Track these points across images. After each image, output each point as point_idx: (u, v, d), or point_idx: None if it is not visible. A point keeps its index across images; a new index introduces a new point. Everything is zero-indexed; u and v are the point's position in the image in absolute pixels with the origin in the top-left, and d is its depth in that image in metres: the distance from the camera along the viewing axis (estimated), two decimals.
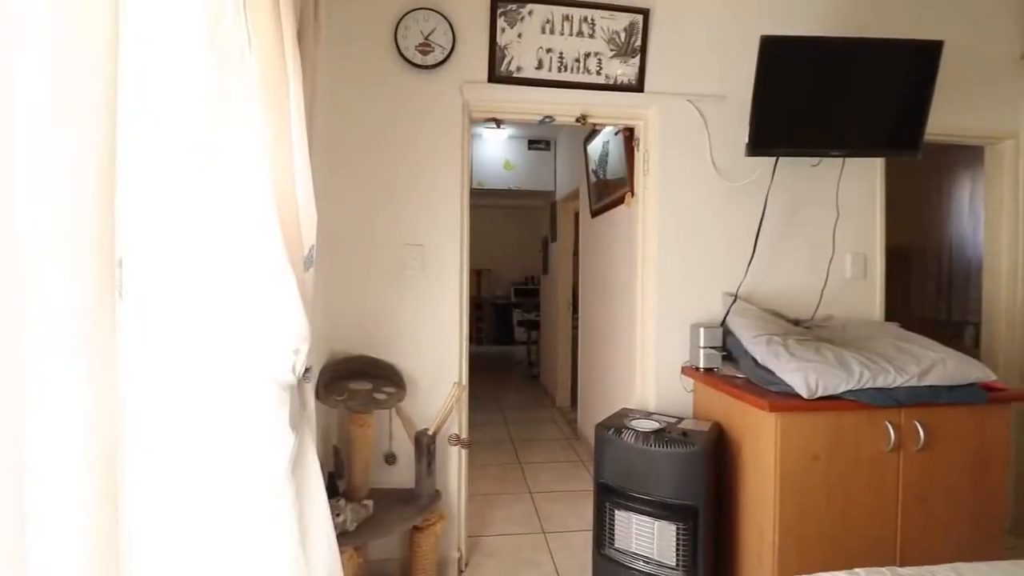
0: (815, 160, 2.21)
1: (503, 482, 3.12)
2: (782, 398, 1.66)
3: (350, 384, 1.96)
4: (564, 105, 2.24)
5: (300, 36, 1.36)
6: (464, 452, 2.23)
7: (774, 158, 2.12)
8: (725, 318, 2.14)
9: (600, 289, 3.35)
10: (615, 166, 2.96)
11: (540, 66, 2.20)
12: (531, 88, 2.20)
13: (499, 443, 3.84)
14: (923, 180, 3.72)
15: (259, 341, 1.09)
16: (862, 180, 2.33)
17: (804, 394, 1.62)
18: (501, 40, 2.16)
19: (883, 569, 1.16)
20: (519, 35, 2.17)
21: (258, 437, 1.09)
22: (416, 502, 1.95)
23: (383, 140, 2.13)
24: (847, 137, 2.03)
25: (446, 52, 2.12)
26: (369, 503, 1.85)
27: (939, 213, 3.64)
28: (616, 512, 1.87)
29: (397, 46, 2.09)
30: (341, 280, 2.09)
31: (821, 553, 1.63)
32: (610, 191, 3.11)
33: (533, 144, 5.10)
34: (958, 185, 3.48)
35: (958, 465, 1.72)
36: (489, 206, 7.40)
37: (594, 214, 3.51)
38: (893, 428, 1.65)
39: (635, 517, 1.83)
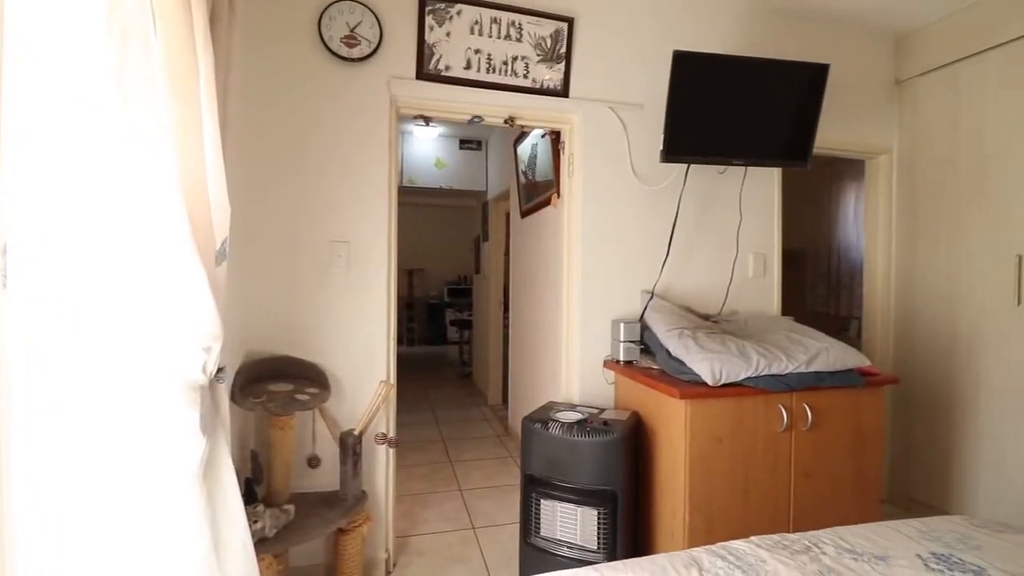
0: (721, 168, 2.40)
1: (433, 481, 3.11)
2: (691, 386, 1.80)
3: (270, 386, 1.88)
4: (493, 106, 2.28)
5: (213, 21, 1.29)
6: (392, 451, 2.21)
7: (686, 165, 2.29)
8: (643, 314, 2.27)
9: (529, 288, 3.43)
10: (543, 168, 3.05)
11: (469, 66, 2.23)
12: (460, 88, 2.22)
13: (430, 442, 3.82)
14: (817, 189, 4.14)
15: (166, 339, 1.03)
16: (762, 187, 2.56)
17: (710, 382, 1.76)
18: (429, 38, 2.16)
19: (774, 536, 1.29)
20: (448, 34, 2.18)
21: (164, 440, 1.04)
22: (341, 504, 1.91)
23: (308, 133, 2.06)
24: (748, 148, 2.22)
25: (373, 46, 2.10)
26: (290, 508, 1.79)
27: (829, 219, 4.06)
28: (542, 502, 1.93)
29: (321, 37, 2.04)
30: (262, 277, 2.00)
31: (726, 526, 1.78)
32: (539, 192, 3.19)
33: (465, 143, 5.12)
34: (845, 195, 3.91)
35: (840, 442, 1.95)
36: (421, 204, 7.34)
37: (524, 214, 3.59)
38: (785, 411, 1.84)
39: (559, 505, 1.90)
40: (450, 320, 7.87)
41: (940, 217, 2.60)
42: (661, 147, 2.13)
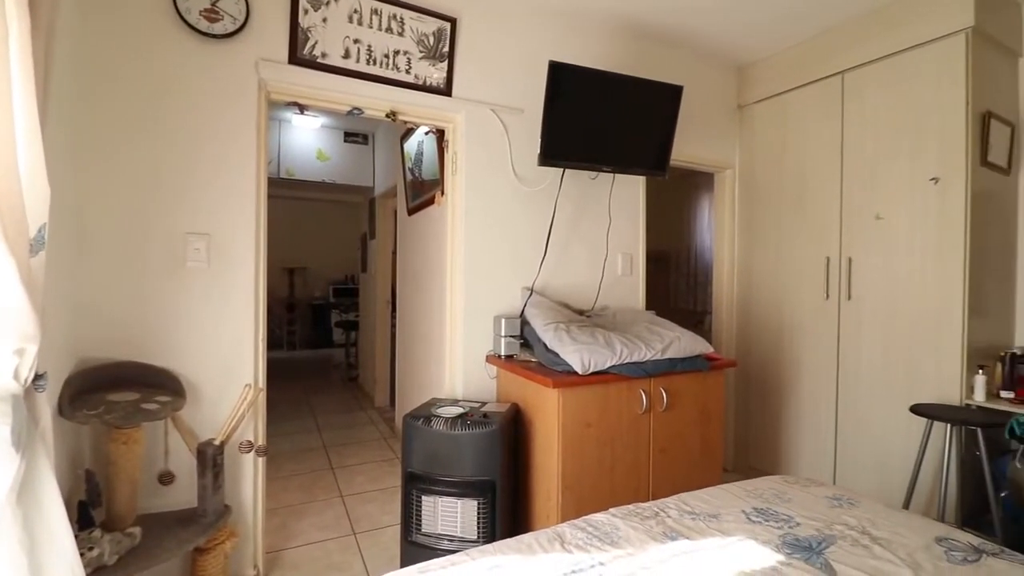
0: (593, 174, 2.59)
1: (312, 490, 2.95)
2: (564, 376, 1.92)
3: (109, 395, 1.66)
4: (373, 99, 2.24)
5: None
6: (262, 461, 2.06)
7: (561, 169, 2.43)
8: (523, 310, 2.37)
9: (416, 286, 3.40)
10: (430, 166, 3.04)
11: (348, 56, 2.16)
12: (338, 77, 2.15)
13: (310, 450, 3.62)
14: (680, 199, 4.62)
15: None
16: (629, 193, 2.81)
17: (579, 371, 1.90)
18: (304, 21, 2.06)
19: (629, 506, 1.43)
20: (324, 19, 2.10)
21: None
22: (199, 521, 1.75)
23: (162, 112, 1.85)
24: (615, 156, 2.42)
25: (238, 23, 1.94)
26: (135, 531, 1.60)
27: (690, 226, 4.56)
28: (423, 498, 1.94)
29: (176, 7, 1.84)
30: (100, 273, 1.76)
31: (595, 503, 1.92)
32: (425, 190, 3.18)
33: (350, 136, 4.92)
34: (701, 204, 4.41)
35: (690, 420, 2.20)
36: (302, 199, 6.91)
37: (411, 212, 3.54)
38: (645, 394, 2.04)
39: (441, 500, 1.92)
40: (335, 321, 7.51)
41: (771, 225, 3.05)
42: (538, 151, 2.24)
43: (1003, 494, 2.13)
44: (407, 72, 2.28)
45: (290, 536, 2.42)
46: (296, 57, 2.08)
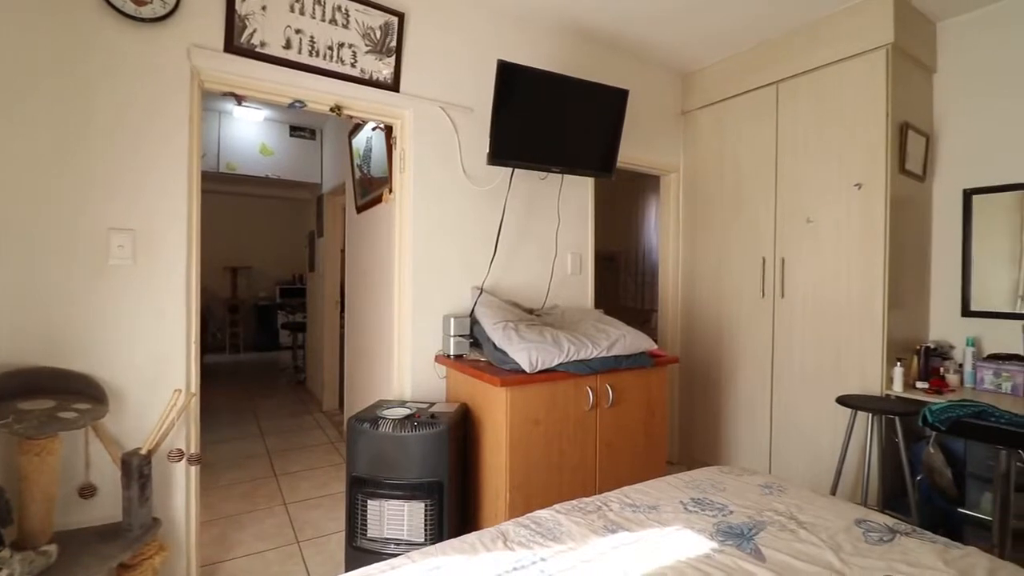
0: (543, 174, 2.61)
1: (253, 498, 2.83)
2: (512, 374, 1.93)
3: (20, 403, 1.53)
4: (316, 92, 2.17)
5: None
6: (194, 469, 1.96)
7: (511, 168, 2.44)
8: (473, 309, 2.36)
9: (365, 285, 3.32)
10: (379, 162, 2.98)
11: (289, 46, 2.08)
12: (278, 68, 2.06)
13: (252, 457, 3.47)
14: (630, 200, 4.73)
15: None
16: (578, 194, 2.85)
17: (527, 369, 1.91)
18: (241, 8, 1.97)
19: (573, 501, 1.45)
20: (263, 7, 2.01)
21: None
22: (124, 536, 1.64)
23: (83, 100, 1.71)
24: (564, 157, 2.45)
25: (168, 7, 1.83)
26: (50, 548, 1.48)
27: (638, 227, 4.68)
28: (368, 502, 1.89)
29: None
30: (11, 271, 1.61)
31: (543, 500, 1.93)
32: (374, 187, 3.11)
33: (296, 131, 4.75)
34: (649, 205, 4.53)
35: (635, 415, 2.26)
36: (245, 194, 6.63)
37: (360, 209, 3.46)
38: (591, 391, 2.08)
39: (387, 504, 1.88)
40: (282, 323, 7.24)
41: (712, 226, 3.17)
42: (488, 150, 2.24)
43: (918, 478, 2.30)
44: (352, 66, 2.23)
45: (229, 548, 2.31)
46: (233, 45, 1.98)
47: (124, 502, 1.67)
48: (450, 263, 2.44)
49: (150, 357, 1.83)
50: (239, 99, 2.13)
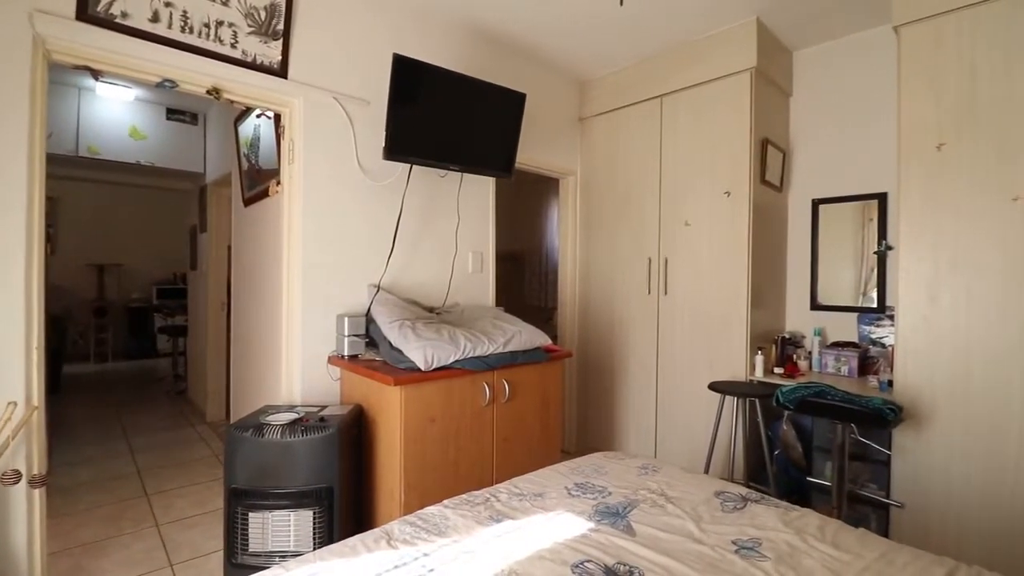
0: (443, 172, 2.61)
1: (119, 522, 2.53)
2: (407, 373, 1.90)
3: None
4: (189, 72, 1.99)
5: None
6: (39, 493, 1.71)
7: (409, 165, 2.40)
8: (369, 308, 2.30)
9: (253, 284, 3.09)
10: (267, 153, 2.80)
11: (157, 19, 1.89)
12: (143, 42, 1.87)
13: (119, 478, 3.10)
14: (535, 201, 4.86)
15: None
16: (479, 193, 2.88)
17: (423, 367, 1.90)
18: None
19: (464, 495, 1.47)
20: None
21: None
22: None
23: None
24: (463, 156, 2.47)
25: None
26: None
27: (542, 227, 4.82)
28: (250, 515, 1.77)
29: None
30: None
31: (439, 497, 1.88)
32: (263, 179, 2.91)
33: (175, 114, 4.32)
34: (553, 207, 4.69)
35: (531, 409, 2.33)
36: (114, 183, 5.89)
37: (247, 202, 3.22)
38: (488, 387, 2.11)
39: (272, 515, 1.77)
40: (160, 327, 6.53)
41: (605, 227, 3.36)
42: (384, 145, 2.19)
43: (776, 452, 2.61)
44: (232, 47, 2.07)
45: None
46: (87, 14, 1.76)
47: None
48: (345, 260, 2.35)
49: None
50: (95, 74, 1.89)
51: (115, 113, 4.02)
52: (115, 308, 6.99)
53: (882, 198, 2.68)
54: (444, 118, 2.35)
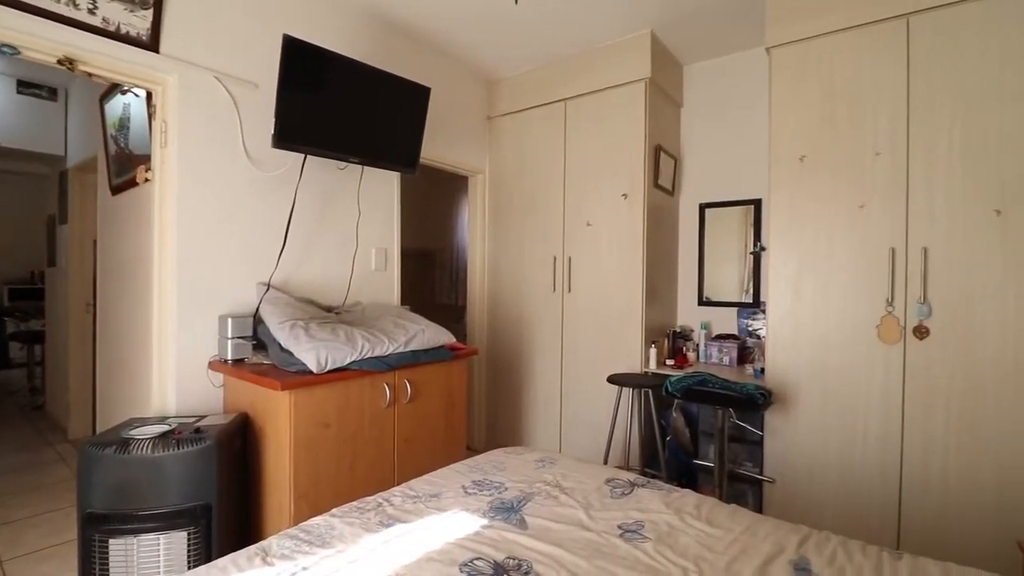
0: (342, 164, 2.49)
1: None
2: (297, 376, 1.79)
3: None
4: (35, 37, 1.72)
5: None
6: None
7: (303, 154, 2.26)
8: (257, 308, 2.13)
9: (123, 283, 2.75)
10: (139, 135, 2.50)
11: None
12: None
13: None
14: (446, 199, 4.80)
15: None
16: (382, 187, 2.79)
17: (315, 369, 1.79)
18: None
19: (354, 502, 1.40)
20: None
21: None
22: None
23: None
24: (363, 148, 2.36)
25: None
26: None
27: (453, 224, 4.78)
28: (111, 542, 1.57)
29: None
30: None
31: (333, 505, 1.80)
32: (134, 164, 2.59)
33: (27, 87, 3.74)
34: (462, 204, 4.66)
35: (435, 408, 2.29)
36: None
37: (115, 191, 2.85)
38: (389, 388, 2.05)
39: (137, 539, 1.58)
40: (12, 333, 5.64)
41: (512, 226, 3.40)
42: (273, 132, 2.04)
43: (668, 438, 2.79)
44: (91, 12, 1.82)
45: None
46: None
47: None
48: (229, 256, 2.16)
49: None
50: None
51: None
52: None
53: (757, 203, 2.95)
54: (343, 107, 2.24)
